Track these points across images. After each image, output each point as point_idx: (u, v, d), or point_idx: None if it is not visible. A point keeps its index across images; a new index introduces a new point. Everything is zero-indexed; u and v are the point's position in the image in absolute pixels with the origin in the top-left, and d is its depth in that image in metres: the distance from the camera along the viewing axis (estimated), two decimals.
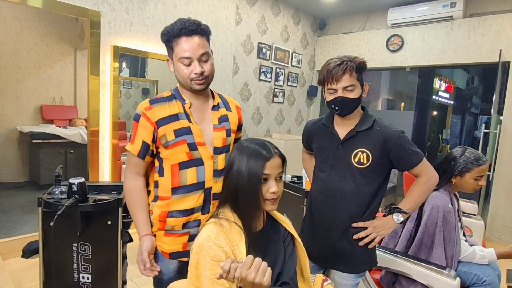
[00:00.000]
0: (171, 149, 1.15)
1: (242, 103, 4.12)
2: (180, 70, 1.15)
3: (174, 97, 1.20)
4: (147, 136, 1.15)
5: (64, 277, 1.53)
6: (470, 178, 1.63)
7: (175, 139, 1.14)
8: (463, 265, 1.64)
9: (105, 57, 2.81)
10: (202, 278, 0.86)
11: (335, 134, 1.37)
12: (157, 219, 1.19)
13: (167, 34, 1.13)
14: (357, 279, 1.39)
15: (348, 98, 1.27)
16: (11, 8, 3.96)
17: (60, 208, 1.36)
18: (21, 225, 2.96)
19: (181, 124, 1.16)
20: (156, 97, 1.22)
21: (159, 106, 1.17)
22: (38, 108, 4.33)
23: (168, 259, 1.22)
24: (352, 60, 1.27)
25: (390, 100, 6.30)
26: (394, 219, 1.32)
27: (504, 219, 3.54)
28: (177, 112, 1.17)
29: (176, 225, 1.18)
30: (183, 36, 1.11)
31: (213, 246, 0.88)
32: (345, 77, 1.25)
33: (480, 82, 9.33)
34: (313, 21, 4.97)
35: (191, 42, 1.11)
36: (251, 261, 0.77)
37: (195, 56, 1.13)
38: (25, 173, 4.33)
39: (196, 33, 1.12)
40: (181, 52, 1.12)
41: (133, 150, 1.17)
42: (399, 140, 1.27)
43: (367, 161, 1.30)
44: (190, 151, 1.16)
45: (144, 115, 1.15)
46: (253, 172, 0.91)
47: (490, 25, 3.56)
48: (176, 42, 1.12)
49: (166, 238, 1.20)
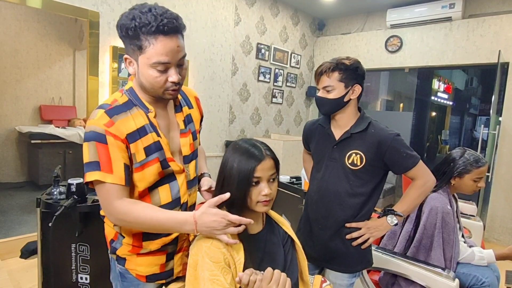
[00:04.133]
0: (140, 172, 0.94)
1: (241, 104, 4.13)
2: (150, 77, 0.90)
3: (132, 104, 0.96)
4: (126, 157, 0.91)
5: (62, 278, 1.52)
6: (469, 180, 1.63)
7: (146, 158, 0.93)
8: (462, 267, 1.65)
9: (104, 58, 2.80)
10: (200, 279, 0.86)
11: (330, 135, 1.38)
12: (130, 243, 1.01)
13: (135, 28, 0.86)
14: (352, 279, 1.39)
15: (324, 98, 1.31)
16: (10, 9, 3.96)
17: (58, 208, 1.36)
18: (19, 226, 2.95)
19: (150, 139, 0.95)
20: (111, 105, 0.93)
21: (122, 119, 0.91)
22: (37, 109, 4.33)
23: (145, 282, 1.05)
24: (337, 61, 1.29)
25: (389, 101, 6.31)
26: (388, 221, 1.31)
27: (503, 220, 3.54)
28: (144, 124, 0.94)
29: (153, 246, 1.02)
30: (160, 35, 0.85)
31: (212, 247, 0.87)
32: (323, 77, 1.31)
33: (479, 83, 9.35)
34: (312, 21, 4.98)
35: (170, 44, 0.87)
36: (271, 274, 0.77)
37: (174, 61, 0.90)
38: (24, 173, 4.32)
39: (177, 31, 0.88)
40: (157, 56, 0.87)
41: (117, 180, 0.89)
42: (394, 143, 1.27)
43: (360, 163, 1.30)
44: (162, 169, 0.97)
45: (109, 134, 0.88)
46: (243, 175, 0.90)
47: (489, 26, 3.57)
48: (148, 40, 0.86)
49: (141, 259, 1.03)
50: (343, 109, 1.33)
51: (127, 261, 1.04)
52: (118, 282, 1.08)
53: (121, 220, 0.93)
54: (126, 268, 1.04)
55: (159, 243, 1.02)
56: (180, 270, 1.10)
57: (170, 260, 1.07)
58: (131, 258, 1.03)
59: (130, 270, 1.04)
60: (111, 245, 1.07)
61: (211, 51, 3.69)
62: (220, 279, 0.84)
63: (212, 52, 3.69)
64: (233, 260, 0.89)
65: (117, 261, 1.06)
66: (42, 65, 4.30)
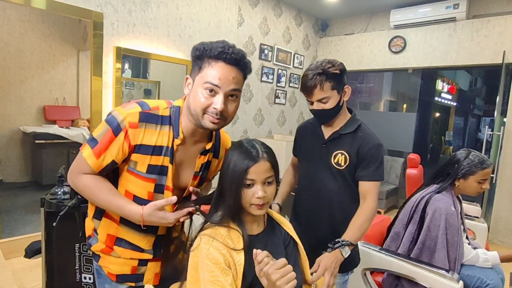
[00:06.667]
0: (134, 178, 0.97)
1: (243, 104, 4.13)
2: (197, 96, 0.91)
3: (169, 122, 0.96)
4: (120, 157, 0.94)
5: (66, 277, 1.53)
6: (474, 181, 1.62)
7: (145, 173, 0.96)
8: (466, 268, 1.63)
9: (108, 58, 2.82)
10: (201, 280, 0.86)
11: (320, 134, 1.41)
12: (103, 242, 1.03)
13: (202, 50, 0.91)
14: (345, 277, 1.43)
15: (323, 109, 1.30)
16: (15, 10, 3.98)
17: (62, 208, 1.37)
18: (23, 225, 2.97)
19: (159, 161, 0.96)
20: (151, 109, 0.95)
21: (148, 129, 0.93)
22: (41, 109, 4.35)
23: (116, 282, 1.05)
24: (324, 70, 1.24)
25: (392, 102, 6.29)
26: (343, 254, 1.19)
27: (507, 222, 3.52)
28: (164, 145, 0.95)
29: (124, 254, 1.03)
30: (221, 61, 0.89)
31: (211, 249, 0.87)
32: (316, 91, 1.26)
33: (483, 83, 9.30)
34: (315, 22, 4.97)
35: (226, 71, 0.90)
36: (282, 264, 0.79)
37: (224, 89, 0.90)
38: (28, 173, 4.35)
39: (237, 65, 0.91)
40: (210, 77, 0.89)
41: (96, 166, 0.93)
42: (373, 150, 1.30)
43: (344, 163, 1.33)
44: (154, 192, 0.98)
45: (126, 133, 0.91)
46: (236, 175, 0.90)
47: (493, 26, 3.55)
48: (208, 62, 0.90)
49: (114, 258, 1.03)
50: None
51: (101, 258, 1.05)
52: (96, 279, 1.11)
53: (77, 189, 0.99)
54: (100, 265, 1.06)
55: (129, 255, 1.03)
56: (151, 278, 1.08)
57: (142, 265, 1.06)
58: (104, 256, 1.04)
59: (103, 267, 1.05)
60: (88, 241, 1.09)
61: None
62: (220, 279, 0.84)
63: None
64: (233, 261, 0.88)
65: (93, 257, 1.08)
66: (46, 65, 4.33)
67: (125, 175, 0.98)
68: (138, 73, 3.46)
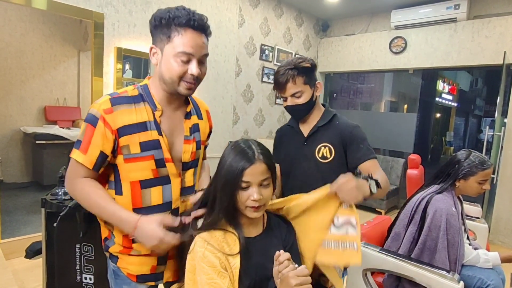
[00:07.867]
0: (133, 163, 0.97)
1: (244, 105, 4.13)
2: (171, 66, 0.94)
3: (142, 99, 0.99)
4: (107, 146, 0.94)
5: (67, 278, 1.53)
6: (475, 182, 1.62)
7: (140, 153, 0.96)
8: (467, 269, 1.63)
9: (109, 59, 2.82)
10: (198, 283, 0.86)
11: (299, 133, 1.42)
12: (121, 244, 1.02)
13: (168, 19, 0.93)
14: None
15: (297, 104, 1.33)
16: (16, 10, 3.99)
17: (63, 209, 1.37)
18: (24, 226, 2.97)
19: (149, 136, 0.97)
20: (119, 93, 0.98)
21: (123, 109, 0.95)
22: (42, 109, 4.35)
23: (136, 282, 1.05)
24: (295, 65, 1.29)
25: (393, 102, 6.28)
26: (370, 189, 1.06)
27: (508, 222, 3.51)
28: (145, 120, 0.97)
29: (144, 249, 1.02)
30: (189, 29, 0.93)
31: (206, 252, 0.87)
32: (288, 85, 1.31)
33: (484, 84, 9.29)
34: (315, 23, 4.97)
35: (197, 39, 0.94)
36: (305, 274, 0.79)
37: (197, 55, 0.95)
38: (29, 173, 4.34)
39: (204, 30, 0.97)
40: (183, 46, 0.92)
41: (87, 162, 0.94)
42: (354, 131, 1.32)
43: (330, 155, 1.34)
44: (157, 168, 0.98)
45: (104, 120, 0.93)
46: (230, 177, 0.88)
47: (494, 27, 3.55)
48: (177, 31, 0.92)
49: (133, 259, 1.03)
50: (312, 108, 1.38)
51: (119, 259, 1.05)
52: (112, 280, 1.09)
53: (74, 196, 1.00)
54: (118, 266, 1.05)
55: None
56: (170, 275, 1.09)
57: (161, 264, 1.07)
58: (123, 257, 1.04)
59: (122, 269, 1.05)
60: (104, 243, 1.08)
61: (215, 52, 3.69)
62: (217, 281, 0.84)
63: (216, 53, 3.70)
64: (229, 265, 0.88)
65: (110, 259, 1.08)
66: (47, 66, 4.33)
67: (124, 168, 0.98)
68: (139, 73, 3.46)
